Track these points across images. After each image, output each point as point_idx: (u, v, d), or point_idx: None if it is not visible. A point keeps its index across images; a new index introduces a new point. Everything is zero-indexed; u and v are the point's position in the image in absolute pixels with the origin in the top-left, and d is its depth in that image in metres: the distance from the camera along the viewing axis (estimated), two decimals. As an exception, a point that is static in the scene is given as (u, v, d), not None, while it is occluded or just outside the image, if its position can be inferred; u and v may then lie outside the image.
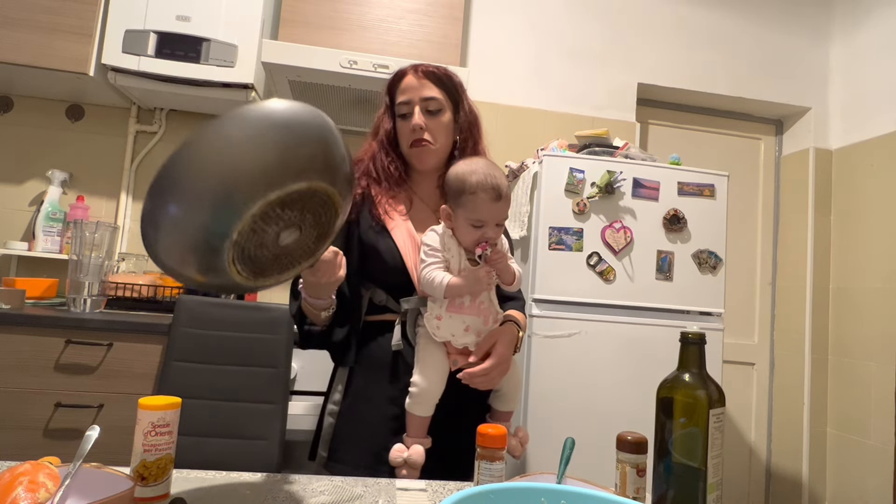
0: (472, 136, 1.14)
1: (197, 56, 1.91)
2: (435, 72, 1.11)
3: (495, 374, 1.00)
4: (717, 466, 0.73)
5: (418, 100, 1.09)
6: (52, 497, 0.59)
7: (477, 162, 0.99)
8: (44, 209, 2.07)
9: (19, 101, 2.22)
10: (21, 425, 1.61)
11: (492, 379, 1.00)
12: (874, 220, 2.49)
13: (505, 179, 0.99)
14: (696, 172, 1.93)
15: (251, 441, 1.57)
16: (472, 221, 0.97)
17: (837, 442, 2.55)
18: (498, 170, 0.99)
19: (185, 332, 1.60)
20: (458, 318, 0.99)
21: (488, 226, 0.97)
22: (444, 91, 1.11)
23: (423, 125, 1.08)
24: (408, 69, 1.13)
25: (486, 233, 0.97)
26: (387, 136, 1.15)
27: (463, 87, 1.16)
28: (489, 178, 0.96)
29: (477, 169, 0.97)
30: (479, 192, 0.95)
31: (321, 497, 0.78)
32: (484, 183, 0.95)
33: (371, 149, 1.16)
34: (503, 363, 1.00)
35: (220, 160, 0.57)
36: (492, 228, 0.98)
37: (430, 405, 1.00)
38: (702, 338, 0.77)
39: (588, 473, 0.91)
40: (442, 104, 1.10)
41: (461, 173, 0.98)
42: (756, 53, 2.75)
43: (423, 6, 2.08)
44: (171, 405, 0.74)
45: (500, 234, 1.00)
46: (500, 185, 0.96)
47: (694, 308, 1.88)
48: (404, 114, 1.11)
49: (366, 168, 1.14)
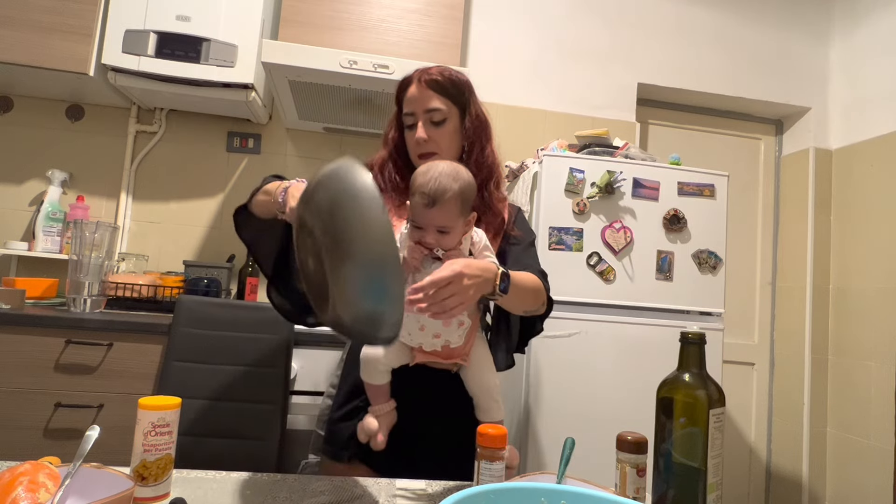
0: (479, 141, 1.13)
1: (197, 56, 1.91)
2: (438, 79, 1.09)
3: (449, 296, 0.84)
4: (717, 466, 0.73)
5: (422, 112, 1.09)
6: (52, 497, 0.59)
7: (437, 165, 0.95)
8: (44, 209, 2.07)
9: (19, 101, 2.21)
10: (21, 425, 1.61)
11: (446, 302, 0.84)
12: (874, 220, 2.49)
13: (457, 186, 0.92)
14: (696, 172, 1.92)
15: (251, 441, 1.57)
16: (411, 222, 0.96)
17: (837, 442, 2.55)
18: (455, 177, 0.93)
19: (185, 332, 1.60)
20: (413, 317, 0.94)
21: (427, 230, 0.93)
22: (449, 98, 1.10)
23: (427, 138, 1.09)
24: (413, 77, 1.11)
25: (425, 237, 0.93)
26: (395, 144, 1.15)
27: (471, 88, 1.14)
28: (430, 182, 0.91)
29: (428, 171, 0.93)
30: (416, 195, 0.92)
31: (321, 497, 0.78)
32: (423, 186, 0.91)
33: (381, 157, 1.17)
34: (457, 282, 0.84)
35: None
36: (431, 234, 0.93)
37: (379, 370, 0.98)
38: (702, 338, 0.77)
39: (588, 473, 0.91)
40: (446, 114, 1.09)
41: (416, 173, 0.95)
42: (756, 53, 2.75)
43: (423, 6, 2.08)
44: (171, 405, 0.74)
45: (445, 241, 0.94)
46: (436, 191, 0.90)
47: (694, 308, 1.88)
48: (410, 125, 1.11)
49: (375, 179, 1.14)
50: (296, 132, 2.40)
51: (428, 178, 0.92)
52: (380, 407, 0.99)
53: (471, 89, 1.14)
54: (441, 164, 0.95)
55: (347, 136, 2.40)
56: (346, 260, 0.69)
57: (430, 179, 0.92)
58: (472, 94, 1.15)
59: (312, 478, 0.85)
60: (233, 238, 2.30)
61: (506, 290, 0.93)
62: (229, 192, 2.34)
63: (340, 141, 2.42)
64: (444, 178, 0.92)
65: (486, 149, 1.14)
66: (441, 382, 1.02)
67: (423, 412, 1.04)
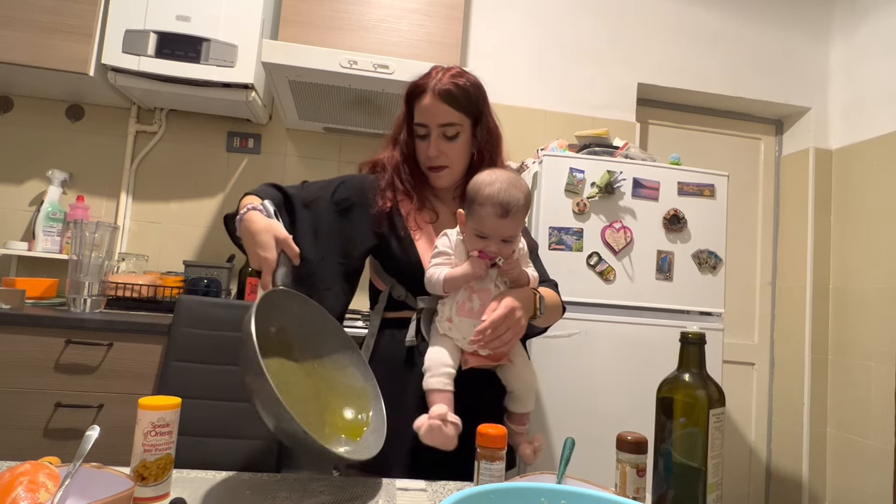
0: (490, 152, 1.13)
1: (197, 56, 1.91)
2: (453, 92, 1.07)
3: (506, 331, 0.94)
4: (717, 466, 0.73)
5: (435, 126, 1.08)
6: (52, 497, 0.59)
7: (499, 174, 0.97)
8: (44, 209, 2.07)
9: (19, 101, 2.21)
10: (21, 425, 1.61)
11: (503, 337, 0.94)
12: (874, 220, 2.49)
13: (523, 196, 0.95)
14: (696, 172, 1.92)
15: (251, 441, 1.57)
16: (476, 232, 0.97)
17: (837, 442, 2.55)
18: (518, 186, 0.96)
19: (185, 332, 1.60)
20: (468, 322, 0.98)
21: (492, 239, 0.96)
22: (463, 111, 1.09)
23: (439, 154, 1.09)
24: (427, 85, 1.08)
25: (489, 246, 0.96)
26: (407, 147, 1.15)
27: (485, 97, 1.13)
28: (502, 192, 0.93)
29: (494, 181, 0.95)
30: (486, 205, 0.94)
31: (321, 497, 0.78)
32: (494, 197, 0.93)
33: (393, 158, 1.16)
34: (511, 316, 0.94)
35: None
36: (495, 243, 0.96)
37: (443, 375, 0.97)
38: (702, 338, 0.77)
39: (588, 473, 0.91)
40: (459, 129, 1.09)
41: (479, 183, 0.96)
42: (756, 53, 2.75)
43: (423, 6, 2.08)
44: (171, 405, 0.74)
45: (505, 249, 0.97)
46: (511, 201, 0.93)
47: (694, 308, 1.88)
48: (422, 135, 1.11)
49: (390, 181, 1.14)
50: (296, 132, 2.40)
51: (498, 189, 0.94)
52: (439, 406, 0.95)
53: (485, 98, 1.13)
54: (501, 173, 0.97)
55: (347, 136, 2.40)
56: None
57: (500, 190, 0.93)
58: (486, 104, 1.13)
59: (313, 478, 0.85)
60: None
61: (543, 312, 1.02)
62: (229, 192, 2.34)
63: (340, 141, 2.42)
64: (513, 190, 0.94)
65: (496, 161, 1.14)
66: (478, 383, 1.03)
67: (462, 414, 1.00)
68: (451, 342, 1.00)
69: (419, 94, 1.10)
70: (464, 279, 0.98)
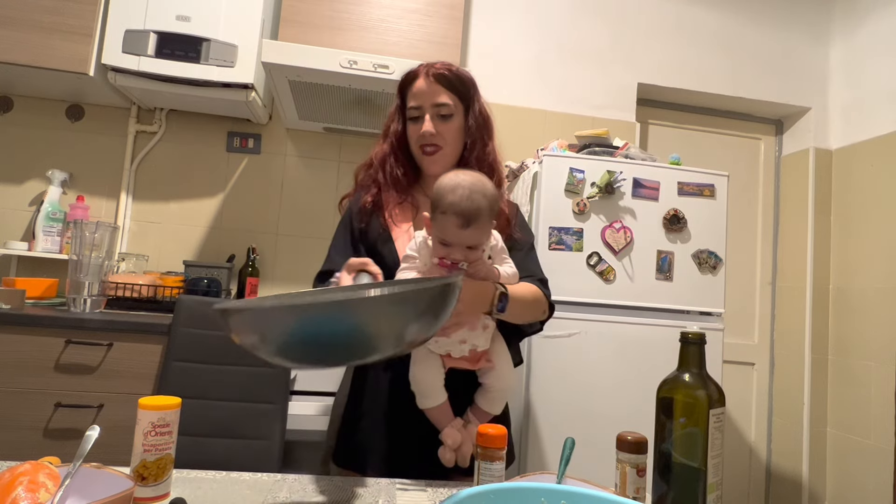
0: (482, 138, 1.13)
1: (197, 56, 1.91)
2: (446, 74, 1.10)
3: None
4: (717, 466, 0.73)
5: (430, 106, 1.09)
6: (52, 497, 0.59)
7: (462, 178, 0.92)
8: (44, 209, 2.07)
9: (19, 101, 2.22)
10: (21, 425, 1.61)
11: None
12: (874, 220, 2.49)
13: (487, 203, 0.90)
14: (696, 172, 1.92)
15: (251, 441, 1.57)
16: (440, 239, 0.93)
17: (837, 442, 2.55)
18: (483, 192, 0.91)
19: (185, 332, 1.60)
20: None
21: (455, 247, 0.92)
22: (456, 94, 1.10)
23: (434, 132, 1.08)
24: (419, 71, 1.11)
25: (453, 253, 0.92)
26: (397, 137, 1.14)
27: (475, 85, 1.15)
28: (464, 201, 0.88)
29: (457, 187, 0.90)
30: (448, 214, 0.89)
31: (321, 497, 0.78)
32: (455, 206, 0.89)
33: (382, 151, 1.15)
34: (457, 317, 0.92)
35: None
36: (459, 251, 0.92)
37: (433, 394, 0.98)
38: (702, 338, 0.77)
39: (588, 473, 0.91)
40: (453, 109, 1.09)
41: (441, 189, 0.92)
42: (756, 53, 2.75)
43: (423, 6, 2.08)
44: (171, 405, 0.74)
45: (471, 255, 0.94)
46: (472, 211, 0.88)
47: (694, 308, 1.88)
48: (415, 117, 1.11)
49: (375, 175, 1.14)
50: (296, 132, 2.40)
51: (459, 197, 0.89)
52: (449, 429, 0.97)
53: (475, 87, 1.14)
54: (465, 178, 0.92)
55: (347, 136, 2.40)
56: None
57: (461, 198, 0.89)
58: (477, 92, 1.15)
59: (312, 478, 0.85)
60: (233, 238, 2.32)
61: (504, 308, 0.97)
62: (229, 192, 2.34)
63: (340, 141, 2.42)
64: (476, 196, 0.90)
65: (487, 146, 1.14)
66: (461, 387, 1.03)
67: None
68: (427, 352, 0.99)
69: (412, 79, 1.12)
70: None
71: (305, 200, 2.38)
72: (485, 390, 1.03)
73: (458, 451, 0.96)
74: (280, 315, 0.62)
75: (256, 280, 2.20)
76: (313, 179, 2.39)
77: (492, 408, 1.03)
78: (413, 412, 1.00)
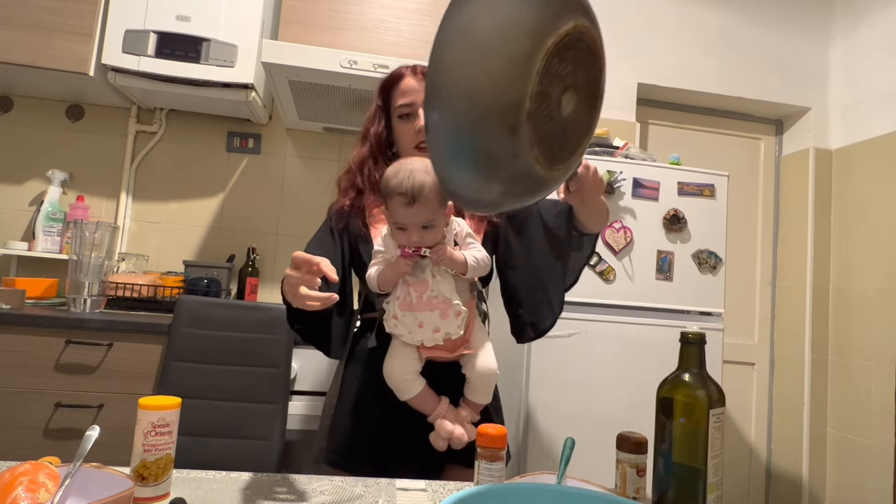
0: None
1: (197, 56, 1.91)
2: None
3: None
4: (717, 466, 0.73)
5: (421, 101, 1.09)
6: (52, 497, 0.59)
7: (405, 164, 0.94)
8: (44, 209, 2.07)
9: (19, 101, 2.22)
10: (21, 425, 1.61)
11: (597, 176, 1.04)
12: (874, 220, 2.49)
13: (430, 179, 0.92)
14: (696, 172, 1.93)
15: (251, 441, 1.57)
16: (394, 225, 0.95)
17: (837, 442, 2.55)
18: (427, 171, 0.92)
19: (185, 332, 1.60)
20: (411, 316, 0.96)
21: (411, 229, 0.93)
22: None
23: None
24: (404, 71, 1.12)
25: (410, 236, 0.93)
26: (377, 139, 1.13)
27: None
28: (406, 181, 0.91)
29: (399, 171, 0.93)
30: (393, 196, 0.92)
31: (321, 497, 0.78)
32: (399, 187, 0.91)
33: (360, 154, 1.14)
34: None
35: (493, 21, 0.59)
36: (416, 232, 0.93)
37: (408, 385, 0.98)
38: (702, 338, 0.77)
39: (588, 473, 0.91)
40: None
41: (386, 177, 0.94)
42: (756, 53, 2.75)
43: (423, 6, 2.07)
44: (171, 405, 0.74)
45: (428, 237, 0.94)
46: (413, 187, 0.90)
47: (694, 308, 1.88)
48: (406, 114, 1.10)
49: (353, 180, 1.13)
50: (296, 132, 2.40)
51: (402, 178, 0.92)
52: (437, 410, 0.98)
53: None
54: (409, 162, 0.95)
55: (347, 135, 2.40)
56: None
57: (404, 178, 0.91)
58: None
59: (312, 478, 0.85)
60: (233, 238, 2.32)
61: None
62: (229, 192, 2.34)
63: (340, 141, 2.42)
64: (418, 174, 0.92)
65: None
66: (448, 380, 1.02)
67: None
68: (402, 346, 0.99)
69: (397, 79, 1.11)
70: (393, 275, 0.97)
71: (305, 200, 2.38)
72: (470, 380, 1.02)
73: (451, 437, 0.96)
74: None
75: (256, 280, 2.20)
76: (313, 179, 2.40)
77: (480, 397, 1.02)
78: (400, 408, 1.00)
